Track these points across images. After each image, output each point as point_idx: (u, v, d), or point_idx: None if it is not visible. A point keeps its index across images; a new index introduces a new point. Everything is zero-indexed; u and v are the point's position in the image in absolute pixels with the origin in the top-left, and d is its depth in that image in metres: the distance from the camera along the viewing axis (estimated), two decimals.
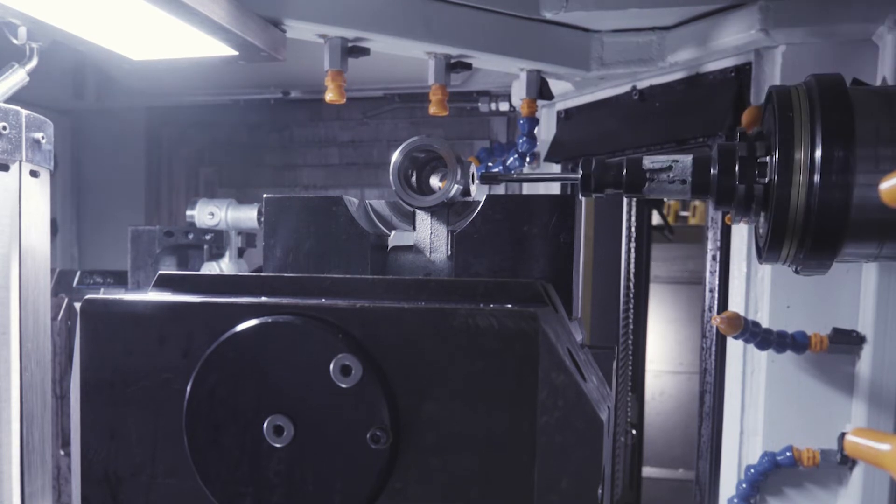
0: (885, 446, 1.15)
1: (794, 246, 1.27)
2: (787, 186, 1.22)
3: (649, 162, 1.38)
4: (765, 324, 2.27)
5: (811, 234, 1.23)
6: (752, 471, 2.36)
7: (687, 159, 1.36)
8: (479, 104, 3.68)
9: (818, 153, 1.20)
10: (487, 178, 1.29)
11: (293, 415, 0.95)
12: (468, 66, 2.54)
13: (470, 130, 3.88)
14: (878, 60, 2.22)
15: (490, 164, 3.21)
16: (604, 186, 1.38)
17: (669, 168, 1.35)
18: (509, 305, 0.95)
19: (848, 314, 2.27)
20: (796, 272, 1.36)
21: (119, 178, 4.40)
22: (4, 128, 1.52)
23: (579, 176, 1.38)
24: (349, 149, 4.14)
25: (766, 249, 1.30)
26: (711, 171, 1.32)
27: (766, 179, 1.28)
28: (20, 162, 1.55)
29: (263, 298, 1.01)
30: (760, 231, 1.38)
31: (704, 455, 2.61)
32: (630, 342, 4.22)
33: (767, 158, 1.28)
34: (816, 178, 1.20)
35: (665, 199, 7.05)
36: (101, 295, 1.06)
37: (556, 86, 2.84)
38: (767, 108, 1.34)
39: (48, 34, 1.99)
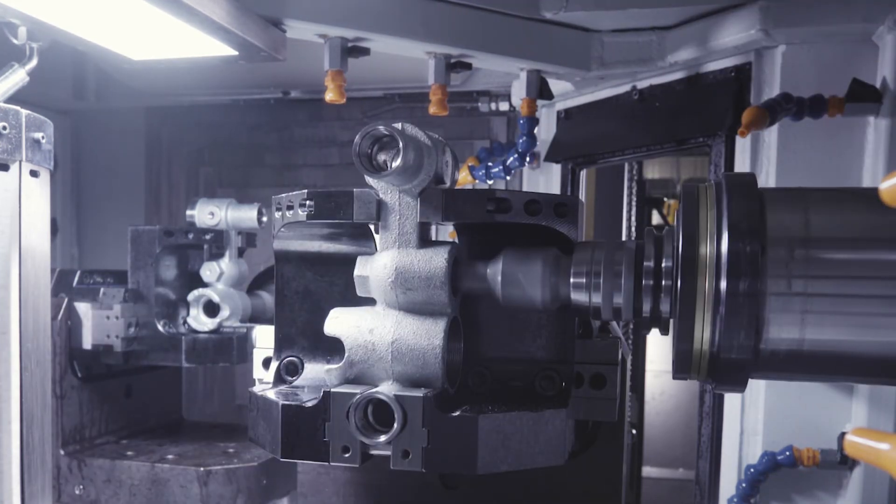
0: (885, 446, 1.15)
1: (701, 374, 1.14)
2: (691, 320, 1.09)
3: None
4: None
5: (717, 369, 1.11)
6: (752, 470, 2.36)
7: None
8: (479, 104, 3.68)
9: (723, 285, 1.06)
10: None
11: None
12: (468, 66, 2.53)
13: (470, 130, 3.87)
14: (878, 60, 2.23)
15: (490, 163, 3.20)
16: None
17: None
18: None
19: None
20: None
21: (119, 178, 4.39)
22: (4, 128, 1.52)
23: None
24: (350, 148, 4.12)
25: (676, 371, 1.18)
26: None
27: (669, 309, 1.14)
28: (20, 162, 1.55)
29: None
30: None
31: (704, 455, 2.60)
32: (630, 342, 4.23)
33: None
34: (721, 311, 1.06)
35: (665, 199, 7.04)
36: None
37: (556, 86, 2.84)
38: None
39: (48, 34, 2.00)
